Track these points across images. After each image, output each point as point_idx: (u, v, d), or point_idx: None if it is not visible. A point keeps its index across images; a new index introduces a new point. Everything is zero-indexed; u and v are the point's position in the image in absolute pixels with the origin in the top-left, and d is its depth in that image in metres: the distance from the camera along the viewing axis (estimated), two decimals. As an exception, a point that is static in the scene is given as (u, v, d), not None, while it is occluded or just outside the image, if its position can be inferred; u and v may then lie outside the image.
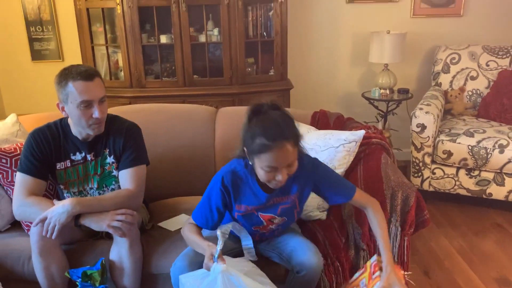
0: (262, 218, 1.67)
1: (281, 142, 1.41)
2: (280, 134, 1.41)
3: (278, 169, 1.45)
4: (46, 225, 1.66)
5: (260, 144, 1.42)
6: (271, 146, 1.40)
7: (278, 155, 1.42)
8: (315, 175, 1.64)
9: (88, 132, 1.80)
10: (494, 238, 2.82)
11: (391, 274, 1.52)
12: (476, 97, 3.52)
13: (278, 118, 1.45)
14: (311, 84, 3.88)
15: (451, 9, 3.71)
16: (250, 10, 3.29)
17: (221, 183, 1.60)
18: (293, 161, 1.48)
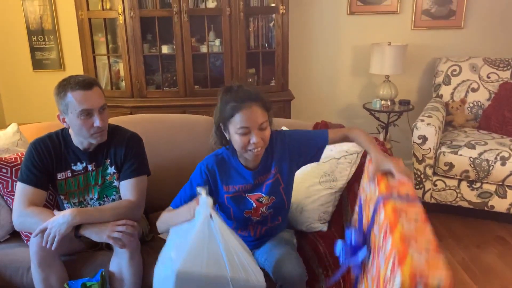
0: (250, 199, 1.71)
1: (249, 103, 1.55)
2: (249, 97, 1.56)
3: (251, 130, 1.55)
4: (46, 235, 1.65)
5: (231, 107, 1.55)
6: (241, 106, 1.54)
7: (248, 115, 1.54)
8: (285, 143, 1.73)
9: (91, 141, 1.80)
10: (496, 251, 2.80)
11: (376, 156, 1.57)
12: (477, 109, 3.52)
13: (247, 89, 1.61)
14: (312, 95, 3.89)
15: (452, 21, 3.73)
16: (252, 21, 3.30)
17: (205, 167, 1.69)
18: (265, 124, 1.58)
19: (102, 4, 3.23)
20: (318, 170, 2.03)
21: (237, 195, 1.70)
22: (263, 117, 1.57)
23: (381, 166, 1.54)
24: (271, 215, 1.77)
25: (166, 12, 3.13)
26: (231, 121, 1.57)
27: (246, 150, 1.60)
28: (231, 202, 1.71)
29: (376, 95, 3.63)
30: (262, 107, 1.57)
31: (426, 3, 3.68)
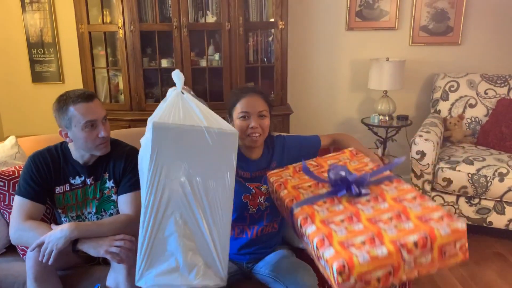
0: (250, 186, 1.81)
1: (251, 93, 1.76)
2: (252, 89, 1.80)
3: (250, 115, 1.72)
4: (43, 250, 1.63)
5: (235, 96, 1.77)
6: (243, 94, 1.75)
7: (248, 101, 1.73)
8: (285, 145, 1.90)
9: (96, 153, 1.79)
10: (495, 267, 2.79)
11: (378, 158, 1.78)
12: (475, 124, 3.53)
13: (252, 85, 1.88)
14: (310, 110, 3.90)
15: (449, 38, 3.76)
16: (251, 36, 3.32)
17: None
18: (264, 113, 1.75)
19: (103, 17, 3.25)
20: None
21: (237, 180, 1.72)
22: (262, 106, 1.74)
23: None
24: (267, 213, 1.82)
25: (166, 26, 3.15)
26: (234, 108, 1.76)
27: (246, 136, 1.73)
28: None
29: (374, 110, 3.65)
30: (262, 98, 1.76)
31: (424, 19, 3.72)
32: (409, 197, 1.39)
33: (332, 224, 1.31)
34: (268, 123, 1.77)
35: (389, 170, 1.56)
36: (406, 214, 1.31)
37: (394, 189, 1.45)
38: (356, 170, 1.60)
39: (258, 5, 3.26)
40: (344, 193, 1.44)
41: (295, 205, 1.46)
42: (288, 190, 1.58)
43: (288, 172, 1.71)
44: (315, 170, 1.68)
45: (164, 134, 1.38)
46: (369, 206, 1.38)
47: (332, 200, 1.45)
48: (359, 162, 1.69)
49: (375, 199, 1.41)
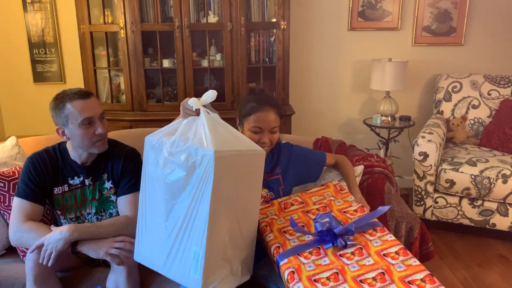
0: None
1: (267, 107, 1.73)
2: (267, 101, 1.75)
3: (263, 131, 1.73)
4: (43, 252, 1.62)
5: (250, 107, 1.74)
6: (259, 108, 1.72)
7: (263, 117, 1.72)
8: (291, 153, 1.92)
9: (93, 151, 1.79)
10: (498, 269, 2.77)
11: (362, 198, 1.76)
12: (478, 125, 3.51)
13: (267, 94, 1.86)
14: (312, 110, 3.88)
15: (452, 38, 3.74)
16: (253, 36, 3.31)
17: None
18: (276, 129, 1.76)
19: (104, 18, 3.24)
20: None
21: None
22: (276, 122, 1.75)
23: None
24: None
25: (168, 26, 3.14)
26: (247, 119, 1.75)
27: None
28: None
29: (377, 111, 3.63)
30: (277, 113, 1.76)
31: (426, 19, 3.70)
32: (393, 251, 1.41)
33: (319, 284, 1.33)
34: (277, 136, 1.80)
35: (371, 219, 1.56)
36: (390, 275, 1.32)
37: (378, 240, 1.47)
38: (340, 212, 1.64)
39: (260, 5, 3.25)
40: (330, 245, 1.45)
41: (281, 256, 1.47)
42: (274, 234, 1.58)
43: (273, 209, 1.71)
44: (299, 208, 1.69)
45: (223, 162, 1.36)
46: (354, 261, 1.39)
47: (318, 251, 1.46)
48: (343, 201, 1.71)
49: (360, 253, 1.42)
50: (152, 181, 1.50)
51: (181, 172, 1.39)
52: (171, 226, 1.44)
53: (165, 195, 1.45)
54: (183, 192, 1.40)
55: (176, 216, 1.43)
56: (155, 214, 1.50)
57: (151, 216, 1.52)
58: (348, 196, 1.74)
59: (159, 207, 1.48)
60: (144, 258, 1.57)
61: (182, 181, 1.39)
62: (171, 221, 1.44)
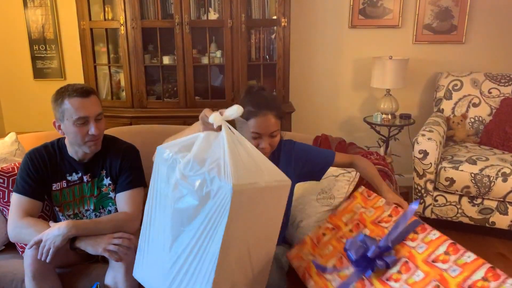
0: None
1: (265, 111, 1.63)
2: (265, 104, 1.64)
3: (262, 136, 1.64)
4: (41, 248, 1.62)
5: (248, 111, 1.62)
6: (257, 112, 1.62)
7: (262, 122, 1.63)
8: (292, 152, 1.82)
9: (84, 150, 1.78)
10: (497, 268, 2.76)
11: (393, 196, 1.64)
12: (478, 124, 3.50)
13: (265, 94, 1.72)
14: (312, 108, 3.88)
15: (453, 36, 3.73)
16: (253, 33, 3.30)
17: None
18: (276, 132, 1.67)
19: (104, 14, 3.24)
20: (315, 187, 2.01)
21: None
22: (275, 126, 1.66)
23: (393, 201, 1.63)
24: None
25: (168, 23, 3.14)
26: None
27: None
28: None
29: (377, 108, 3.62)
30: (276, 116, 1.66)
31: (427, 17, 3.69)
32: (441, 252, 1.26)
33: None
34: (278, 139, 1.71)
35: (408, 219, 1.42)
36: (446, 285, 1.17)
37: (422, 244, 1.31)
38: (374, 224, 1.49)
39: (261, 2, 3.24)
40: (370, 273, 1.32)
41: None
42: (314, 280, 1.47)
43: (307, 248, 1.61)
44: (333, 236, 1.57)
45: (242, 197, 1.21)
46: (402, 281, 1.23)
47: (362, 282, 1.32)
48: (375, 208, 1.57)
49: (407, 267, 1.26)
50: (161, 197, 1.38)
51: (193, 200, 1.25)
52: (175, 256, 1.32)
53: (172, 220, 1.32)
54: (192, 222, 1.26)
55: (182, 246, 1.30)
56: (160, 235, 1.38)
57: (155, 234, 1.41)
58: (378, 201, 1.61)
59: (165, 229, 1.35)
60: (144, 279, 1.49)
61: (192, 210, 1.25)
62: (176, 250, 1.32)
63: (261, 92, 1.73)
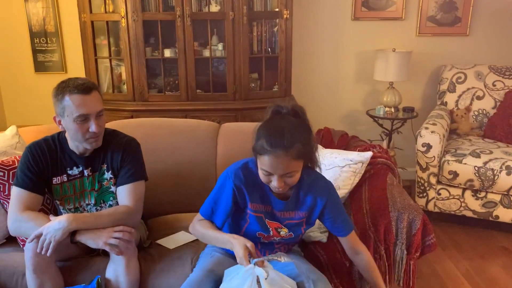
0: (268, 225, 1.62)
1: (278, 151, 1.40)
2: (280, 143, 1.40)
3: (273, 175, 1.45)
4: (41, 241, 1.61)
5: (260, 146, 1.43)
6: (268, 151, 1.41)
7: (273, 162, 1.42)
8: (328, 198, 1.60)
9: (85, 146, 1.77)
10: (501, 262, 2.75)
11: None
12: (482, 117, 3.47)
13: (288, 126, 1.44)
14: (315, 101, 3.85)
15: (457, 28, 3.69)
16: (255, 26, 3.27)
17: (233, 183, 1.56)
18: (292, 172, 1.46)
19: (105, 7, 3.21)
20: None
21: (258, 216, 1.61)
22: (291, 167, 1.44)
23: None
24: (279, 246, 1.71)
25: (169, 15, 3.11)
26: (258, 156, 1.46)
27: (268, 185, 1.52)
28: (252, 219, 1.62)
29: (380, 101, 3.60)
30: (294, 156, 1.42)
31: (431, 9, 3.65)
32: None
33: None
34: (297, 178, 1.49)
35: None
36: None
37: None
38: None
39: (263, -6, 3.22)
40: None
41: None
42: None
43: None
44: None
45: None
46: None
47: None
48: None
49: None
50: None
51: None
52: None
53: None
54: None
55: None
56: None
57: None
58: None
59: None
60: None
61: None
62: None
63: (285, 122, 1.46)
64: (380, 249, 1.79)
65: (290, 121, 1.46)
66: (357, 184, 2.02)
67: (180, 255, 1.88)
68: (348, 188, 1.98)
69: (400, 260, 1.79)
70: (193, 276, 1.60)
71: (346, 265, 1.81)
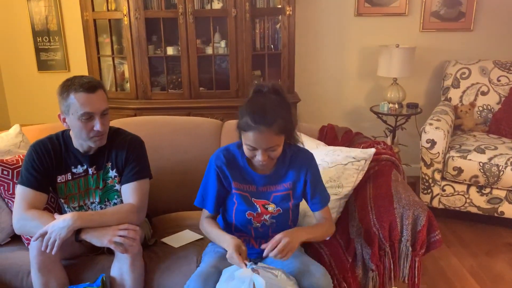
0: (256, 203, 1.68)
1: (262, 127, 1.49)
2: (263, 119, 1.49)
3: (257, 149, 1.54)
4: (46, 240, 1.61)
5: (245, 123, 1.52)
6: (252, 127, 1.50)
7: (257, 137, 1.51)
8: (308, 168, 1.69)
9: (89, 144, 1.77)
10: (506, 258, 2.74)
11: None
12: (487, 112, 3.46)
13: (269, 104, 1.54)
14: (318, 98, 3.84)
15: (461, 24, 3.67)
16: (258, 23, 3.26)
17: (215, 164, 1.68)
18: (275, 146, 1.55)
19: (107, 5, 3.21)
20: (324, 176, 1.97)
21: (243, 195, 1.68)
22: (273, 142, 1.53)
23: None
24: (272, 227, 1.72)
25: (172, 13, 3.10)
26: (243, 133, 1.55)
27: (253, 160, 1.61)
28: (239, 199, 1.69)
29: (384, 98, 3.58)
30: (276, 131, 1.51)
31: (435, 5, 3.63)
32: None
33: None
34: (279, 152, 1.58)
35: None
36: None
37: None
38: None
39: (265, -10, 3.21)
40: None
41: None
42: None
43: None
44: None
45: None
46: None
47: None
48: None
49: None
50: None
51: None
52: None
53: None
54: None
55: None
56: None
57: None
58: None
59: None
60: None
61: None
62: None
63: (266, 99, 1.55)
64: (385, 246, 1.78)
65: (271, 98, 1.56)
66: (362, 180, 2.01)
67: (185, 254, 1.88)
68: (352, 185, 1.97)
69: (405, 257, 1.78)
70: (200, 270, 1.63)
71: (349, 261, 1.80)
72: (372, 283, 1.78)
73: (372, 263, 1.77)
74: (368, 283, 1.79)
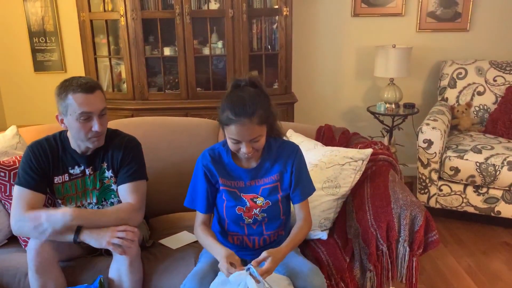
0: (244, 198, 1.70)
1: (243, 119, 1.52)
2: (243, 111, 1.52)
3: (241, 141, 1.57)
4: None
5: (226, 117, 1.54)
6: (234, 120, 1.52)
7: (239, 130, 1.53)
8: (294, 158, 1.71)
9: (87, 145, 1.77)
10: (503, 257, 2.75)
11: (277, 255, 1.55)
12: (483, 112, 3.47)
13: (248, 96, 1.56)
14: (315, 98, 3.85)
15: (457, 24, 3.68)
16: (255, 23, 3.26)
17: (201, 164, 1.70)
18: (258, 137, 1.57)
19: (104, 5, 3.20)
20: (321, 176, 1.99)
21: (231, 191, 1.70)
22: (256, 132, 1.56)
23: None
24: (265, 222, 1.72)
25: (168, 13, 3.10)
26: (225, 127, 1.58)
27: (238, 154, 1.64)
28: (227, 195, 1.70)
29: (381, 98, 3.59)
30: (258, 122, 1.54)
31: (431, 5, 3.64)
32: None
33: None
34: (263, 142, 1.61)
35: None
36: None
37: None
38: None
39: (262, -9, 3.21)
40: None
41: None
42: None
43: None
44: None
45: None
46: None
47: None
48: None
49: None
50: None
51: None
52: None
53: None
54: None
55: None
56: None
57: None
58: None
59: None
60: None
61: None
62: None
63: (245, 92, 1.57)
64: (382, 246, 1.78)
65: (249, 91, 1.58)
66: (359, 181, 2.01)
67: (183, 255, 1.88)
68: (349, 185, 1.97)
69: (402, 257, 1.78)
70: (196, 270, 1.65)
71: (347, 261, 1.81)
72: (370, 283, 1.78)
73: (369, 263, 1.78)
74: (366, 283, 1.79)
